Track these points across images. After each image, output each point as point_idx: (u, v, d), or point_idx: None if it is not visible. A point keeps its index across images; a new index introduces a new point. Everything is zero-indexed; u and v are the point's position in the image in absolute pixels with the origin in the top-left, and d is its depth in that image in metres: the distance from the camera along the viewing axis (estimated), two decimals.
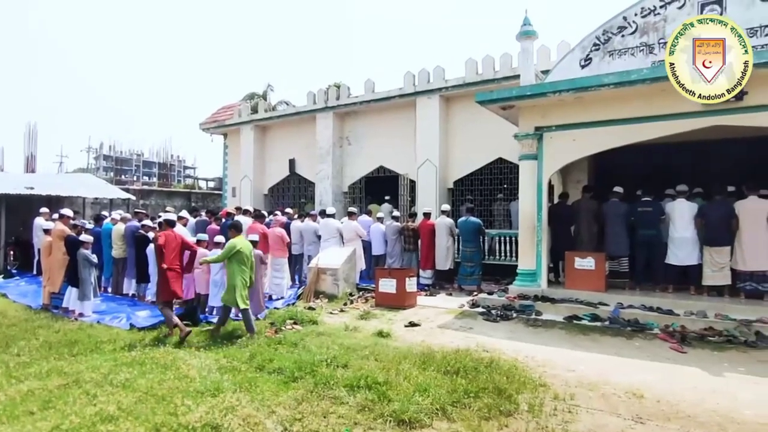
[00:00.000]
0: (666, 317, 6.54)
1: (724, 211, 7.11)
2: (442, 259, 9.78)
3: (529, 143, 7.99)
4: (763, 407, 3.99)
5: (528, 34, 8.52)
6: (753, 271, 6.88)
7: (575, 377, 4.72)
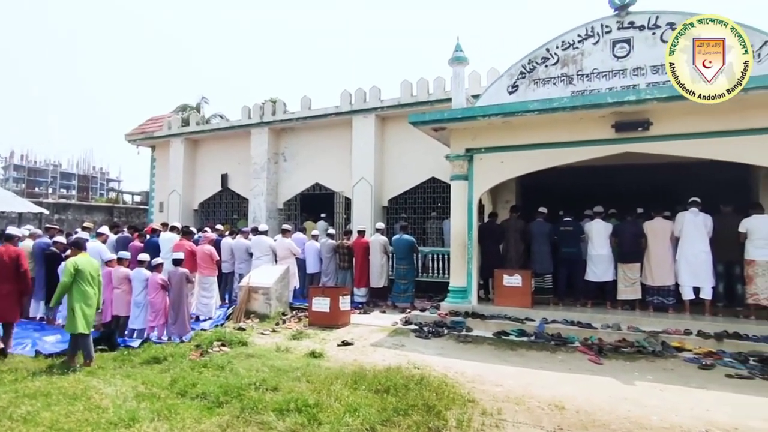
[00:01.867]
0: (585, 330, 6.93)
1: (635, 230, 7.72)
2: (376, 277, 9.82)
3: (460, 164, 8.27)
4: (667, 412, 4.30)
5: (459, 59, 8.89)
6: (659, 285, 7.49)
7: (503, 392, 4.86)
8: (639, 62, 7.68)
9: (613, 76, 7.84)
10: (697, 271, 7.25)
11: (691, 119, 6.87)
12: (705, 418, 4.16)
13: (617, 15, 7.85)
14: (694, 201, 7.46)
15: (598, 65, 7.94)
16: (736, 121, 6.67)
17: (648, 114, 7.00)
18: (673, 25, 7.45)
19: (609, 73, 7.86)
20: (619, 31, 7.85)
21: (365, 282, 9.90)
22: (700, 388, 4.98)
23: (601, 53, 7.94)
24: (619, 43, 7.84)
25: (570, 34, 8.24)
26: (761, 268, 6.93)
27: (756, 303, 7.00)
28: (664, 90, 6.74)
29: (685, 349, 6.16)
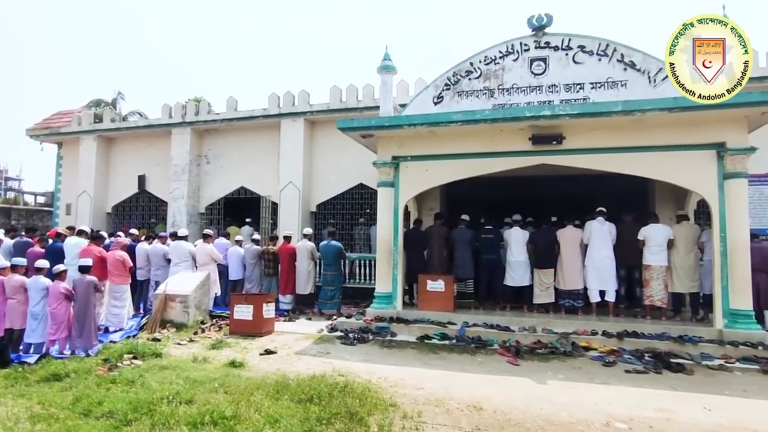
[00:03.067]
0: (504, 333, 7.24)
1: (549, 238, 8.23)
2: (302, 283, 9.67)
3: (387, 171, 8.38)
4: (575, 409, 4.59)
5: (388, 68, 9.03)
6: (570, 289, 8.02)
7: (424, 395, 4.95)
8: (554, 80, 8.20)
9: (530, 92, 8.30)
10: (602, 275, 7.85)
11: (597, 135, 7.45)
12: (607, 412, 4.49)
13: (535, 35, 8.34)
14: (601, 211, 8.10)
15: (517, 81, 8.38)
16: (635, 138, 7.32)
17: (561, 129, 7.49)
18: (583, 47, 8.05)
19: (527, 88, 8.32)
20: (536, 50, 8.34)
21: (291, 288, 9.72)
22: (604, 384, 5.37)
23: (520, 69, 8.39)
24: (536, 61, 8.33)
25: (492, 50, 8.63)
26: (656, 272, 7.65)
27: (651, 304, 7.71)
28: (575, 107, 7.26)
29: (591, 348, 6.62)
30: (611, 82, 7.86)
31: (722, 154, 6.96)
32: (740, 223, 6.87)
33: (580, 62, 8.08)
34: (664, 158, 7.23)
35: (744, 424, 4.23)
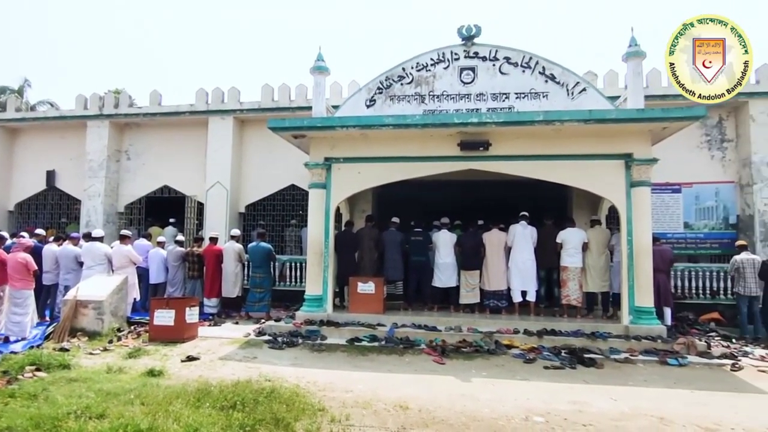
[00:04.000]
0: (431, 333, 7.41)
1: (476, 240, 8.53)
2: (229, 286, 9.36)
3: (319, 172, 8.32)
4: (497, 404, 4.78)
5: (320, 69, 8.98)
6: (495, 290, 8.37)
7: (352, 397, 4.95)
8: (482, 89, 8.52)
9: (459, 99, 8.58)
10: (524, 276, 8.26)
11: (521, 143, 7.83)
12: (526, 406, 4.71)
13: (464, 45, 8.62)
14: (524, 215, 8.53)
15: (447, 88, 8.62)
16: (555, 147, 7.78)
17: (488, 136, 7.80)
18: (509, 59, 8.44)
19: (456, 96, 8.58)
20: (465, 59, 8.63)
21: (217, 292, 9.37)
22: (524, 380, 5.63)
23: (451, 77, 8.65)
24: (465, 70, 8.62)
25: (424, 57, 8.82)
26: (572, 273, 8.17)
27: (568, 303, 8.22)
28: (501, 115, 7.59)
29: (513, 346, 6.94)
30: (534, 93, 8.30)
31: (630, 164, 7.56)
32: (644, 228, 7.50)
33: (506, 73, 8.46)
34: (580, 166, 7.74)
35: (644, 411, 4.61)
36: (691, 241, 10.43)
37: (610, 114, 7.37)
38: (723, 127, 10.63)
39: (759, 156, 10.01)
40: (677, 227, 10.45)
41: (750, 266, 8.13)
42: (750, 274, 8.11)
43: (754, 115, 10.10)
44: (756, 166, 10.01)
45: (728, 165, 10.55)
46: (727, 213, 10.40)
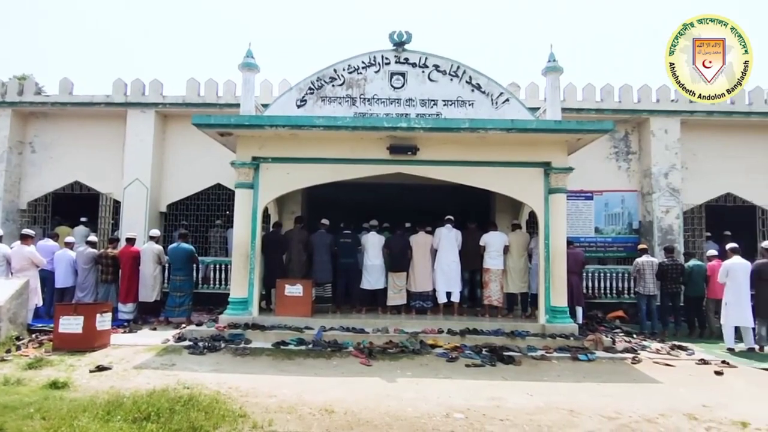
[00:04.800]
0: (359, 335, 7.44)
1: (403, 243, 8.70)
2: (147, 290, 8.85)
3: (246, 172, 8.10)
4: (420, 403, 4.89)
5: (250, 66, 8.75)
6: (421, 291, 8.57)
7: (276, 402, 4.86)
8: (411, 94, 8.70)
9: (390, 104, 8.70)
10: (449, 278, 8.54)
11: (448, 149, 8.09)
12: (447, 404, 4.86)
13: (395, 50, 8.77)
14: (449, 218, 8.81)
15: (378, 92, 8.72)
16: (480, 154, 8.11)
17: (416, 141, 7.98)
18: (438, 67, 8.69)
19: (387, 100, 8.70)
20: (396, 64, 8.77)
21: (133, 296, 8.83)
22: (447, 378, 5.81)
23: (381, 81, 8.75)
24: (396, 75, 8.76)
25: (356, 60, 8.86)
26: (494, 274, 8.55)
27: (490, 303, 8.60)
28: (429, 121, 7.80)
29: (438, 345, 7.13)
30: (461, 101, 8.60)
31: (548, 171, 8.05)
32: (560, 232, 8.01)
33: (434, 80, 8.70)
34: (503, 173, 8.13)
35: (556, 404, 4.91)
36: (600, 245, 11.27)
37: (530, 124, 7.81)
38: (628, 140, 11.60)
39: (657, 168, 11.03)
40: (589, 232, 11.26)
41: (649, 268, 8.92)
42: (649, 275, 8.90)
43: (654, 131, 11.11)
44: (655, 177, 11.01)
45: (632, 175, 11.53)
46: (631, 219, 11.35)
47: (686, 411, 4.79)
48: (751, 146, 11.49)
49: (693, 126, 11.30)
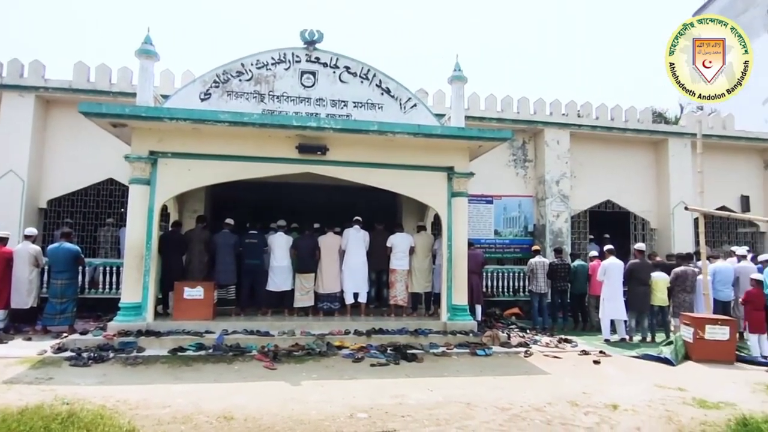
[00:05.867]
0: (264, 339, 7.24)
1: (311, 243, 8.61)
2: (21, 295, 7.91)
3: (142, 167, 7.54)
4: (325, 405, 4.86)
5: (148, 53, 8.16)
6: (328, 292, 8.54)
7: (170, 413, 4.57)
8: (322, 94, 8.63)
9: (300, 102, 8.57)
10: (356, 278, 8.60)
11: (357, 150, 8.14)
12: (351, 404, 4.89)
13: (306, 48, 8.65)
14: (357, 220, 8.88)
15: (287, 89, 8.55)
16: (388, 157, 8.25)
17: (325, 141, 7.94)
18: (348, 68, 8.72)
19: (297, 98, 8.56)
20: (307, 63, 8.66)
21: (5, 302, 7.84)
22: (352, 379, 5.84)
23: (291, 79, 8.59)
24: (306, 73, 8.65)
25: (265, 55, 8.62)
26: (400, 275, 8.75)
27: (395, 303, 8.78)
28: (339, 122, 7.79)
29: (344, 346, 7.14)
30: (370, 103, 8.70)
31: (451, 176, 8.40)
32: (462, 234, 8.39)
33: (345, 81, 8.71)
34: (409, 176, 8.34)
35: (454, 398, 5.14)
36: (499, 246, 12.00)
37: (436, 130, 8.10)
38: (525, 149, 12.49)
39: (550, 175, 11.99)
40: (489, 234, 11.94)
41: (541, 268, 9.66)
42: (541, 274, 9.63)
43: (548, 141, 12.07)
44: (548, 184, 11.96)
45: (528, 181, 12.42)
46: (526, 222, 12.21)
47: (569, 398, 5.25)
48: (628, 159, 12.93)
49: (580, 138, 12.44)
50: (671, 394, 5.56)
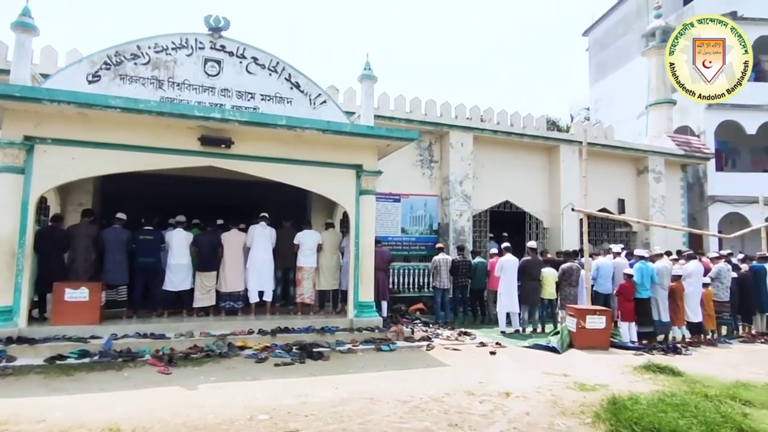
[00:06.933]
0: (159, 342, 6.79)
1: (214, 240, 8.23)
2: None
3: (15, 153, 6.71)
4: (223, 408, 4.67)
5: (25, 26, 7.27)
6: (231, 291, 8.21)
7: (45, 428, 4.12)
8: (227, 84, 8.25)
9: (203, 92, 8.11)
10: (262, 276, 8.37)
11: (264, 145, 7.90)
12: (252, 406, 4.74)
13: (211, 35, 8.21)
14: (263, 216, 8.64)
15: (189, 77, 8.06)
16: (297, 152, 8.11)
17: (230, 133, 7.61)
18: (257, 59, 8.41)
19: (200, 87, 8.10)
20: (211, 50, 8.23)
21: None
22: (254, 380, 5.67)
23: (194, 66, 8.11)
24: (210, 61, 8.21)
25: (165, 39, 8.05)
26: (307, 272, 8.66)
27: (302, 301, 8.67)
28: (245, 114, 7.51)
29: (247, 347, 6.91)
30: (279, 97, 8.47)
31: (360, 174, 8.46)
32: (369, 231, 8.49)
33: (253, 73, 8.40)
34: (318, 173, 8.27)
35: (358, 394, 5.17)
36: (406, 244, 12.31)
37: (345, 127, 8.10)
38: (432, 150, 12.93)
39: (454, 176, 12.53)
40: (396, 232, 12.20)
41: (444, 265, 10.06)
42: (444, 271, 10.03)
43: (453, 143, 12.60)
44: (452, 184, 12.49)
45: (434, 181, 12.88)
46: (431, 221, 12.65)
47: (466, 388, 5.52)
48: (525, 163, 13.88)
49: (483, 141, 13.13)
50: (557, 380, 6.07)
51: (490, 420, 4.58)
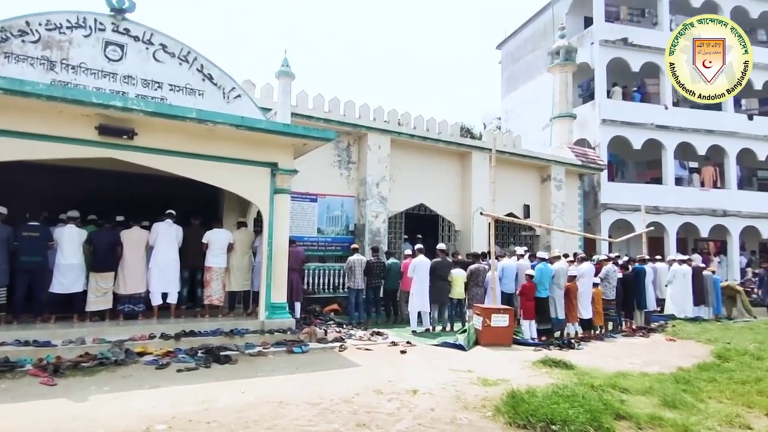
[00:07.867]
0: (43, 350, 6.16)
1: (112, 238, 7.62)
2: None
3: None
4: (117, 420, 4.34)
5: None
6: (131, 293, 7.65)
7: None
8: (131, 71, 7.70)
9: (103, 77, 7.50)
10: (166, 277, 7.90)
11: (172, 138, 7.45)
12: (149, 416, 4.45)
13: (113, 16, 7.63)
14: (170, 213, 8.16)
15: (87, 60, 7.41)
16: (208, 147, 7.74)
17: (133, 124, 7.09)
18: (165, 47, 7.93)
19: (99, 72, 7.48)
20: (113, 33, 7.63)
21: None
22: (153, 388, 5.32)
23: (93, 49, 7.48)
24: (112, 45, 7.61)
25: (59, 16, 7.34)
26: (216, 273, 8.30)
27: (210, 303, 8.30)
28: (150, 104, 7.05)
29: (147, 352, 6.48)
30: (190, 88, 8.06)
31: (275, 172, 8.26)
32: (283, 231, 8.32)
33: (160, 61, 7.92)
34: (231, 170, 7.96)
35: (267, 398, 5.05)
36: (322, 244, 12.23)
37: (260, 123, 7.88)
38: (350, 151, 12.96)
39: (371, 177, 12.65)
40: (312, 232, 12.08)
41: (359, 265, 10.11)
42: (359, 271, 10.08)
43: (371, 145, 12.72)
44: (369, 186, 12.60)
45: (351, 182, 12.92)
46: (348, 222, 12.69)
47: (376, 387, 5.58)
48: (439, 167, 14.35)
49: (400, 145, 13.38)
50: (462, 376, 6.33)
51: (396, 418, 4.67)
